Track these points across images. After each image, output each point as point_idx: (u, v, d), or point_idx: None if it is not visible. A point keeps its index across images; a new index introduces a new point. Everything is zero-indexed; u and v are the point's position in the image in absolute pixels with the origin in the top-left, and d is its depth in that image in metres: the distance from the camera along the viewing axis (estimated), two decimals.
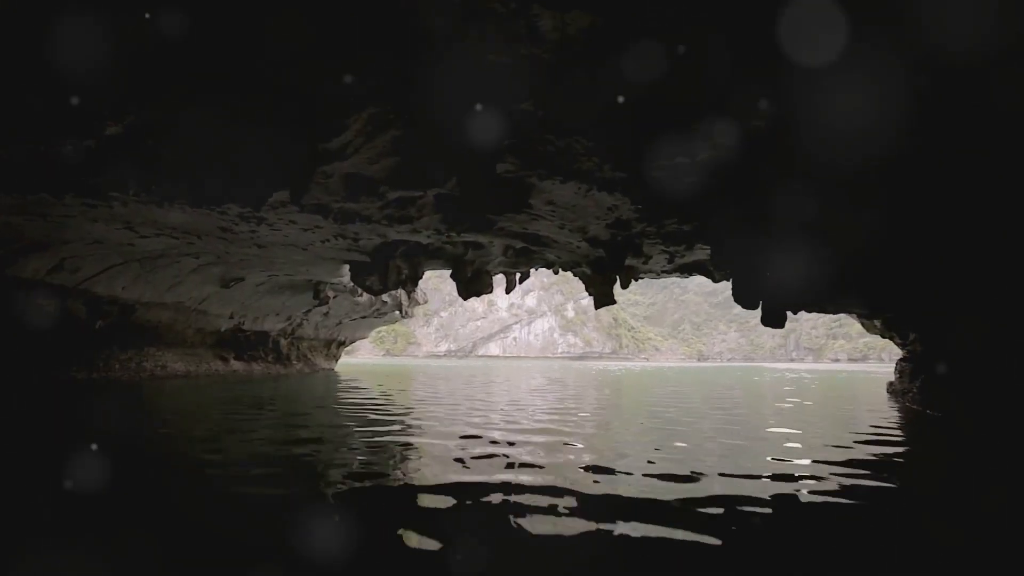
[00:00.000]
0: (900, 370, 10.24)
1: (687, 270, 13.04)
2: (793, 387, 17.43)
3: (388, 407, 8.46)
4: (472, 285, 13.18)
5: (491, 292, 13.58)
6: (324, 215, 7.78)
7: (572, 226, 8.48)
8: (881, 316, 10.00)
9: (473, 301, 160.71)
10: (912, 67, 3.79)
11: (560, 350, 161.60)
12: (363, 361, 64.71)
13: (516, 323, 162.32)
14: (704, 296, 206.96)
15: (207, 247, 11.41)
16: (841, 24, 3.47)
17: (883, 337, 13.51)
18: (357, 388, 12.57)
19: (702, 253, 11.19)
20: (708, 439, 5.41)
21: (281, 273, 15.58)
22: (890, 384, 11.38)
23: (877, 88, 3.97)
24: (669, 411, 8.17)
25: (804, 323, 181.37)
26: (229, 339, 19.74)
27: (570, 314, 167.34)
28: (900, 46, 3.62)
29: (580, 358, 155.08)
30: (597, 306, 11.88)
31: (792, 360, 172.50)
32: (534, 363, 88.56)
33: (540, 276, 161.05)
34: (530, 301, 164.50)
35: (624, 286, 12.47)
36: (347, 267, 13.82)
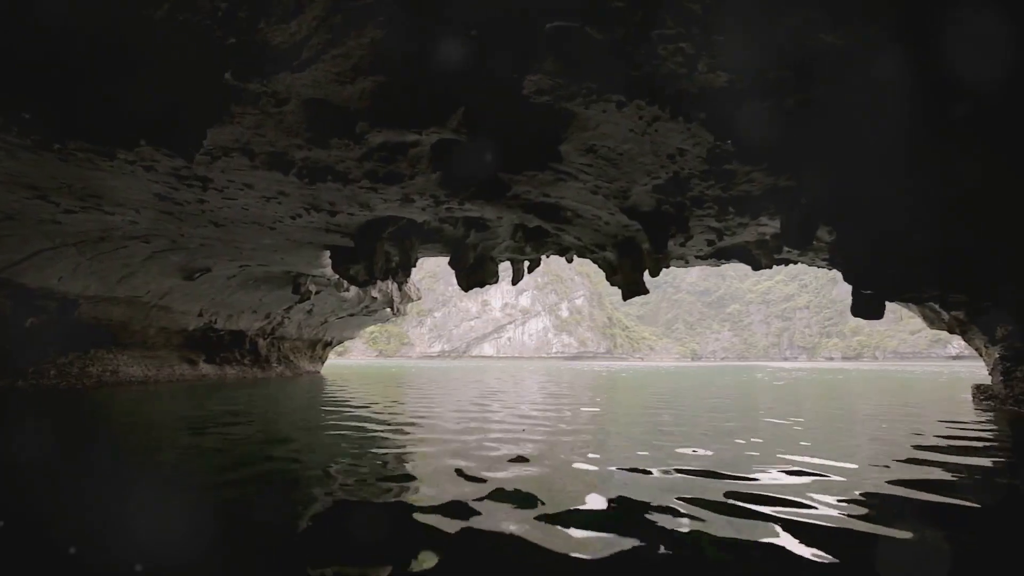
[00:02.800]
0: (1004, 371, 8.46)
1: (725, 256, 11.21)
2: (834, 391, 15.71)
3: (370, 434, 6.55)
4: (474, 274, 11.25)
5: (496, 282, 11.66)
6: (284, 170, 5.80)
7: (610, 189, 6.59)
8: (977, 304, 8.20)
9: (467, 301, 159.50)
10: None
11: (555, 350, 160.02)
12: (353, 363, 62.47)
13: (510, 323, 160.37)
14: (697, 296, 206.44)
15: (155, 227, 9.40)
16: None
17: (951, 332, 11.79)
18: (339, 402, 10.60)
19: (753, 233, 9.35)
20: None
21: (254, 263, 13.57)
22: (980, 388, 9.59)
23: None
24: (763, 437, 6.28)
25: (797, 321, 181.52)
26: (199, 339, 17.65)
27: (564, 314, 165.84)
28: None
29: (575, 358, 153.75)
30: (626, 297, 10.00)
31: (785, 359, 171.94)
32: (529, 364, 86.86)
33: (534, 275, 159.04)
34: (524, 301, 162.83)
35: (654, 273, 10.60)
36: (328, 254, 11.85)
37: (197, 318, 16.74)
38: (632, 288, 9.77)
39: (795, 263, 12.02)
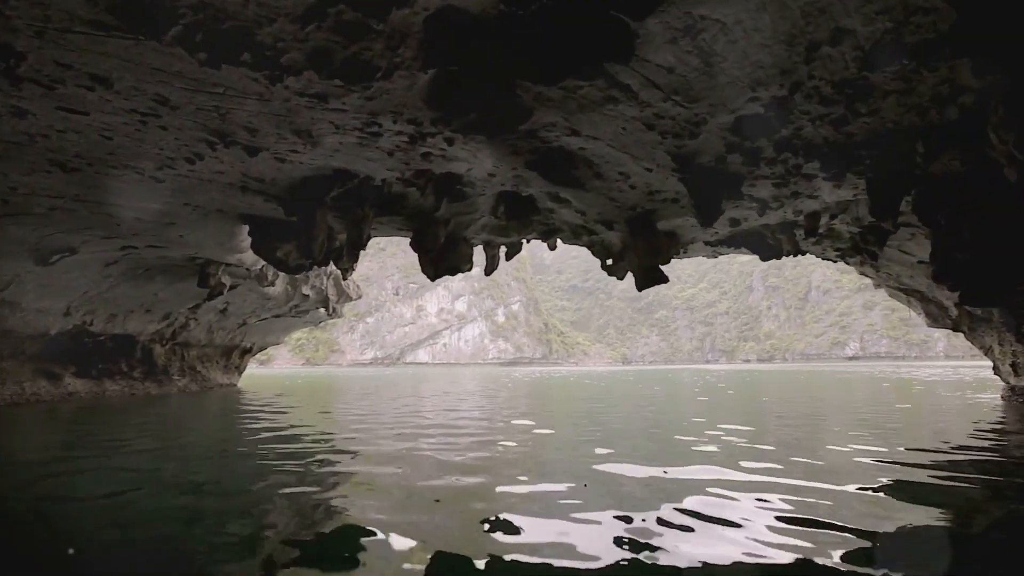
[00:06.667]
0: None
1: (736, 242, 9.72)
2: (815, 393, 14.86)
3: (290, 482, 4.06)
4: (444, 259, 8.87)
5: (470, 269, 9.34)
6: (156, 31, 3.21)
7: (678, 120, 4.59)
8: None
9: (401, 306, 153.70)
10: None
11: (491, 356, 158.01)
12: (276, 372, 56.48)
13: (446, 329, 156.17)
14: (627, 302, 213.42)
15: None
16: None
17: (955, 330, 11.06)
18: (257, 429, 7.84)
19: (782, 214, 7.77)
20: None
21: (141, 244, 10.25)
22: (1015, 389, 8.66)
23: None
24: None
25: (718, 326, 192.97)
26: (67, 347, 13.65)
27: (500, 319, 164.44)
28: None
29: (511, 363, 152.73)
30: (642, 287, 8.08)
31: (707, 361, 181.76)
32: (465, 370, 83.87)
33: (470, 280, 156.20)
34: (460, 306, 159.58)
35: (666, 261, 8.81)
36: (247, 229, 8.93)
37: (63, 318, 12.86)
38: (649, 276, 7.87)
39: (803, 253, 10.81)
